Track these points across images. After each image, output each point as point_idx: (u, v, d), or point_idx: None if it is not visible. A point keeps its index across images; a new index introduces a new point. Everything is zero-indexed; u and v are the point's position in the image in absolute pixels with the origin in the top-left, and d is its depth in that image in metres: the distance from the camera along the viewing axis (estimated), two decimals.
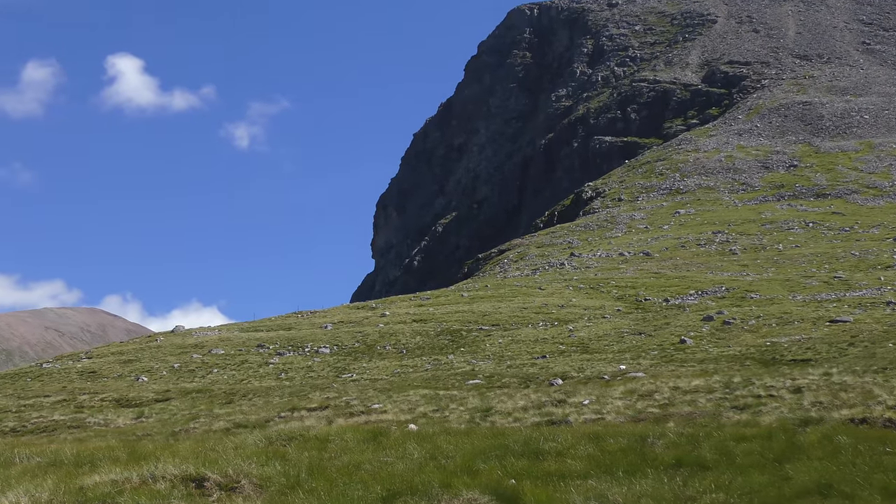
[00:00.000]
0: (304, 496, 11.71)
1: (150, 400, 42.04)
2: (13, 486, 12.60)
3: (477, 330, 57.85)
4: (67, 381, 52.11)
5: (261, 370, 50.62)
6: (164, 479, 12.75)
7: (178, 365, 53.74)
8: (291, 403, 34.70)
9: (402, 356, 51.63)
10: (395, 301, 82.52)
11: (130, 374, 52.26)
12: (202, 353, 56.83)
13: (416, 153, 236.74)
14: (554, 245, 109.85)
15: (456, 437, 15.95)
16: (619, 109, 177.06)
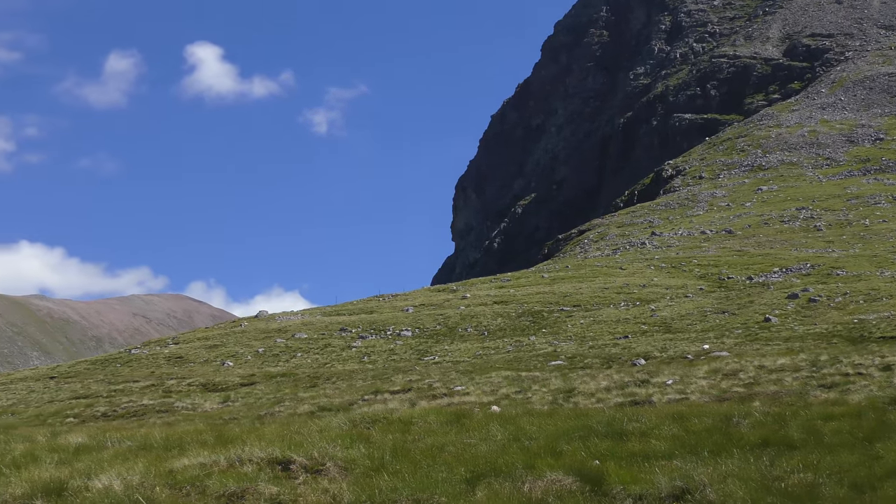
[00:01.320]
0: (388, 478, 11.78)
1: (236, 384, 42.59)
2: (105, 470, 12.84)
3: (558, 311, 57.67)
4: (155, 367, 53.01)
5: (343, 354, 51.00)
6: (251, 461, 12.90)
7: (262, 349, 54.35)
8: (374, 386, 34.92)
9: (483, 338, 51.66)
10: (476, 283, 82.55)
11: (216, 359, 52.98)
12: (286, 338, 57.40)
13: (495, 135, 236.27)
14: (634, 224, 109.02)
15: (539, 418, 15.93)
16: (699, 86, 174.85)
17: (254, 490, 11.73)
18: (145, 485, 12.09)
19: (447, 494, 11.06)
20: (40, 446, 15.56)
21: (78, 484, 12.30)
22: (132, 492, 11.71)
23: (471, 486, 11.44)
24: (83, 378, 51.29)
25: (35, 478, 12.63)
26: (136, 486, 12.03)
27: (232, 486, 11.87)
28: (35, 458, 14.33)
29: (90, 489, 12.06)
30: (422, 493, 11.12)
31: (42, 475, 12.77)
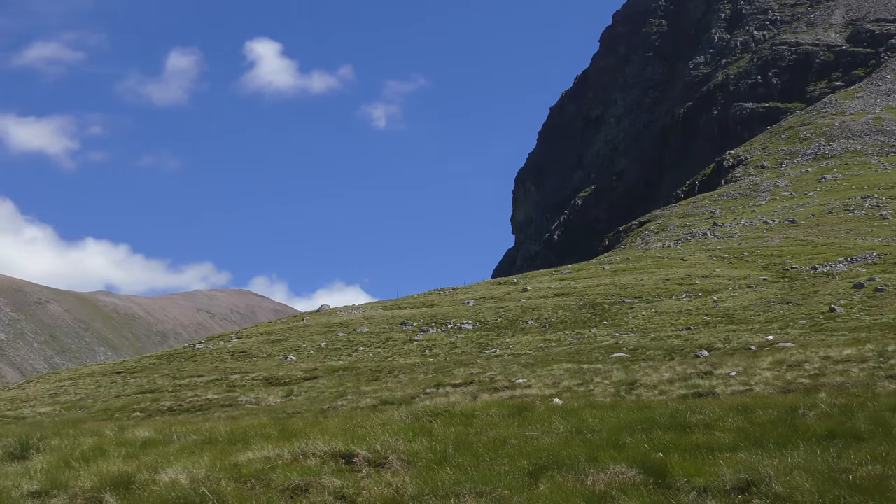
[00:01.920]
0: (451, 471, 11.80)
1: (299, 378, 42.87)
2: (172, 463, 13.00)
3: (619, 303, 57.40)
4: (219, 361, 53.52)
5: (405, 347, 51.14)
6: (315, 455, 12.99)
7: (324, 343, 54.67)
8: (436, 380, 34.98)
9: (544, 331, 51.55)
10: (536, 276, 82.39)
11: (279, 354, 53.38)
12: (347, 332, 57.69)
13: (553, 127, 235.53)
14: (695, 215, 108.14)
15: (601, 410, 15.87)
16: (760, 74, 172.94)
17: (317, 483, 11.81)
18: (211, 478, 12.22)
19: (510, 487, 11.06)
20: (108, 440, 15.78)
21: (145, 477, 12.46)
22: (198, 485, 11.84)
23: (533, 479, 11.42)
24: (149, 373, 51.93)
25: (103, 471, 12.81)
26: (201, 479, 12.16)
27: (296, 479, 11.95)
28: (103, 452, 14.53)
29: (157, 483, 12.21)
30: (484, 486, 11.13)
31: (110, 469, 12.95)
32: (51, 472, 13.27)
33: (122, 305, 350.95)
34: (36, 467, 13.69)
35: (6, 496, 12.17)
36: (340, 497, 11.49)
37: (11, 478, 13.18)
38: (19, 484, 12.74)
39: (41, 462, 14.07)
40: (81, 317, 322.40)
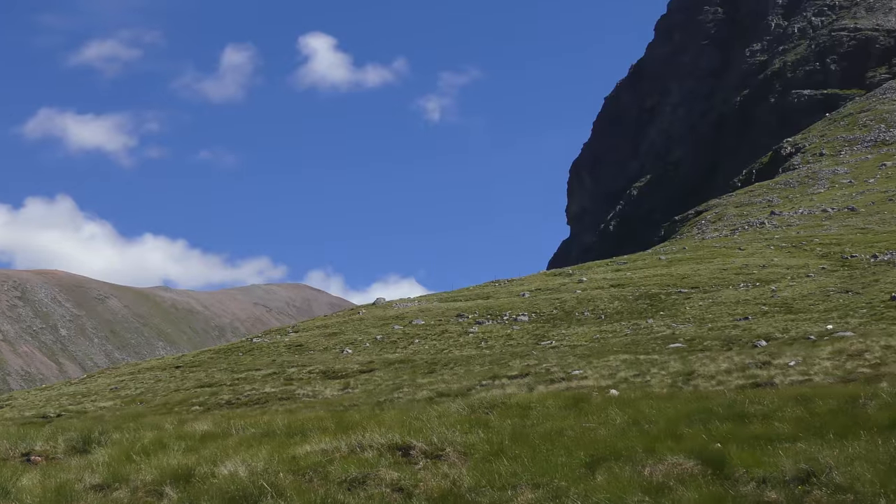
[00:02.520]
0: (507, 463, 11.80)
1: (355, 371, 43.07)
2: (231, 456, 13.12)
3: (676, 293, 57.05)
4: (276, 355, 53.92)
5: (461, 339, 51.20)
6: (372, 447, 13.05)
7: (380, 336, 54.88)
8: (492, 371, 34.99)
9: (600, 322, 51.38)
10: (592, 266, 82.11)
11: (335, 347, 53.66)
12: (403, 325, 57.86)
13: (608, 117, 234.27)
14: (753, 204, 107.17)
15: (658, 401, 15.78)
16: (818, 61, 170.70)
17: (375, 475, 11.87)
18: (269, 471, 12.32)
19: (567, 478, 11.05)
20: (168, 434, 15.95)
21: (204, 470, 12.60)
22: (257, 478, 11.95)
23: (590, 470, 11.40)
24: (207, 367, 52.44)
25: (164, 464, 12.97)
26: (260, 472, 12.26)
27: (353, 471, 12.02)
28: (163, 446, 14.70)
29: (216, 475, 12.34)
30: (541, 478, 11.13)
31: (170, 462, 13.10)
32: (112, 465, 13.44)
33: (181, 300, 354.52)
34: (98, 461, 13.88)
35: (69, 489, 12.35)
36: (398, 489, 11.54)
37: (74, 471, 13.37)
38: (82, 477, 12.93)
39: (103, 456, 14.26)
40: (141, 312, 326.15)
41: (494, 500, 10.62)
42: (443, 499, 10.92)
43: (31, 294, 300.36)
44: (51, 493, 12.16)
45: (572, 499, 10.44)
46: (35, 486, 12.56)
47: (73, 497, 12.09)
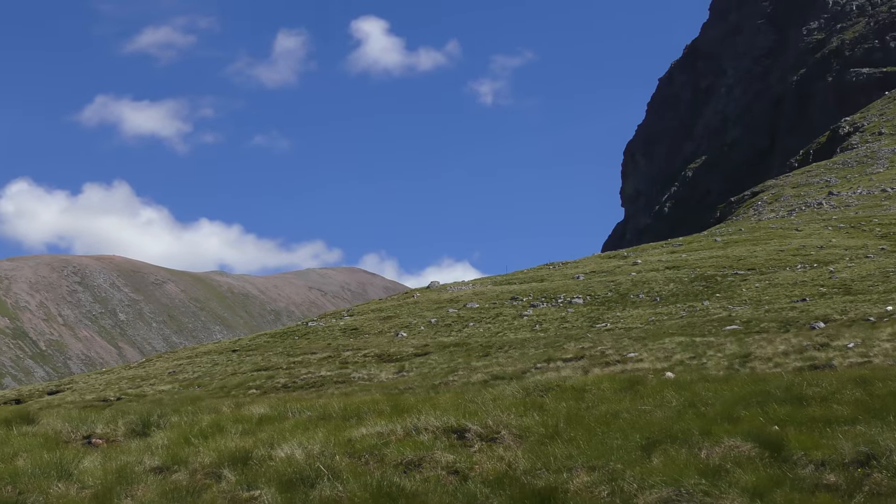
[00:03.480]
0: (563, 445, 11.79)
1: (410, 354, 43.19)
2: (287, 439, 13.22)
3: (732, 275, 56.60)
4: (332, 339, 54.21)
5: (515, 322, 51.18)
6: (427, 430, 13.08)
7: (434, 320, 54.99)
8: (547, 354, 34.95)
9: (655, 304, 51.11)
10: (647, 249, 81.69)
11: (390, 330, 53.85)
12: (457, 308, 57.91)
13: (663, 98, 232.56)
14: (810, 184, 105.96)
15: (714, 383, 15.68)
16: (877, 39, 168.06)
17: (430, 458, 11.90)
18: (325, 453, 12.39)
19: (622, 461, 11.02)
20: (225, 417, 16.09)
21: (262, 453, 12.70)
22: (313, 460, 12.03)
23: (646, 453, 11.36)
24: (264, 351, 52.84)
25: (222, 447, 13.09)
26: (316, 454, 12.34)
27: (409, 454, 12.07)
28: (221, 429, 14.83)
29: (273, 458, 12.44)
30: (597, 460, 11.11)
31: (228, 445, 13.23)
32: (171, 448, 13.60)
33: (237, 285, 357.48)
34: (157, 443, 14.05)
35: (130, 471, 12.51)
36: (453, 471, 11.57)
37: (135, 454, 13.54)
38: (142, 459, 13.09)
39: (162, 438, 14.43)
40: (197, 296, 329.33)
41: (550, 483, 10.61)
42: (498, 481, 10.93)
43: (90, 279, 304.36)
44: (112, 475, 12.33)
45: (628, 481, 10.42)
46: (96, 468, 12.74)
47: (134, 479, 12.25)
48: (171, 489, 11.79)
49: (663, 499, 9.87)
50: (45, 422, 16.91)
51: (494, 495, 10.59)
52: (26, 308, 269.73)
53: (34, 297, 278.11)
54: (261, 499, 11.25)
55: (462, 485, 11.07)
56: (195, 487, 11.86)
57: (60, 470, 12.67)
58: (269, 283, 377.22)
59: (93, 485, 12.12)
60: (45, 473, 12.55)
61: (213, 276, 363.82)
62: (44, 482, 12.25)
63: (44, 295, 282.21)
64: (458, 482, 11.20)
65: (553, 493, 10.34)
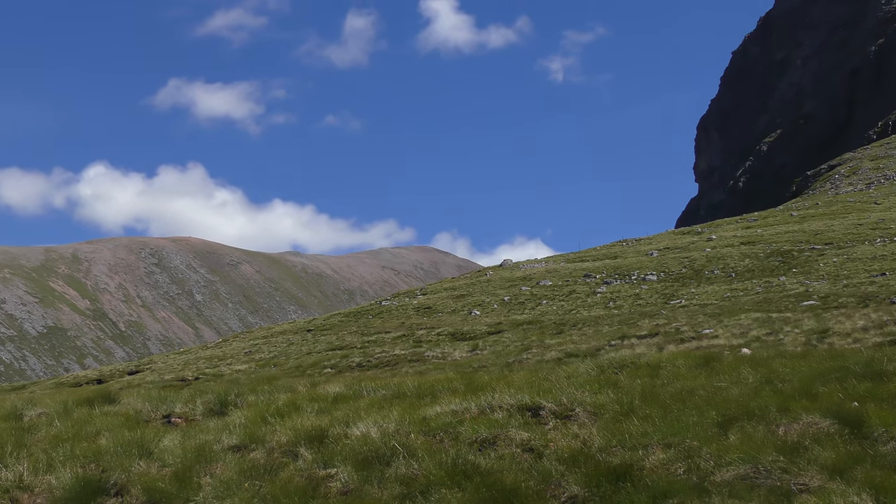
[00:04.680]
0: (638, 423, 11.73)
1: (483, 333, 43.24)
2: (363, 418, 13.32)
3: (809, 249, 55.81)
4: (405, 317, 54.44)
5: (588, 300, 50.98)
6: (501, 408, 13.09)
7: (507, 298, 54.96)
8: (621, 331, 34.79)
9: (730, 280, 50.60)
10: (721, 224, 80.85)
11: (463, 309, 53.93)
12: (530, 286, 57.83)
13: (736, 71, 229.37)
14: (890, 157, 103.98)
15: (791, 360, 15.47)
16: None
17: (505, 436, 11.92)
18: (400, 432, 12.46)
19: (698, 438, 10.94)
20: (301, 396, 16.24)
21: (337, 431, 12.81)
22: (388, 438, 12.10)
23: (723, 430, 11.26)
24: (338, 330, 53.23)
25: (298, 426, 13.22)
26: (391, 433, 12.42)
27: (484, 432, 12.09)
28: (297, 408, 14.98)
29: (349, 436, 12.53)
30: (672, 438, 11.04)
31: (304, 423, 13.35)
32: (249, 426, 13.77)
33: (310, 265, 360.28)
34: (235, 422, 14.23)
35: (208, 450, 12.69)
36: (528, 449, 11.57)
37: (213, 432, 13.73)
38: (220, 438, 13.27)
39: (239, 417, 14.61)
40: (272, 277, 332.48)
41: (625, 460, 10.57)
42: (573, 458, 10.91)
43: (167, 261, 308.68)
44: (191, 454, 12.52)
45: (705, 458, 10.34)
46: (176, 447, 12.94)
47: (212, 457, 12.42)
48: (248, 467, 11.94)
49: (741, 476, 9.78)
50: (126, 401, 17.22)
51: (569, 473, 10.57)
52: (106, 290, 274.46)
53: (113, 279, 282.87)
54: (337, 477, 11.35)
55: (537, 462, 11.07)
56: (272, 466, 12.00)
57: (141, 448, 12.91)
58: (342, 262, 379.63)
59: (172, 463, 12.32)
60: (127, 452, 12.79)
61: (287, 256, 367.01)
62: (126, 460, 12.48)
63: (122, 277, 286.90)
64: (533, 460, 11.20)
65: (628, 470, 10.30)
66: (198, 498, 11.16)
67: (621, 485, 9.96)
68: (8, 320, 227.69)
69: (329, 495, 10.95)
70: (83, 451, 13.08)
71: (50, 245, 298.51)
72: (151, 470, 12.18)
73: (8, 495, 11.87)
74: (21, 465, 12.63)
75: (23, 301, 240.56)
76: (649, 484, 9.78)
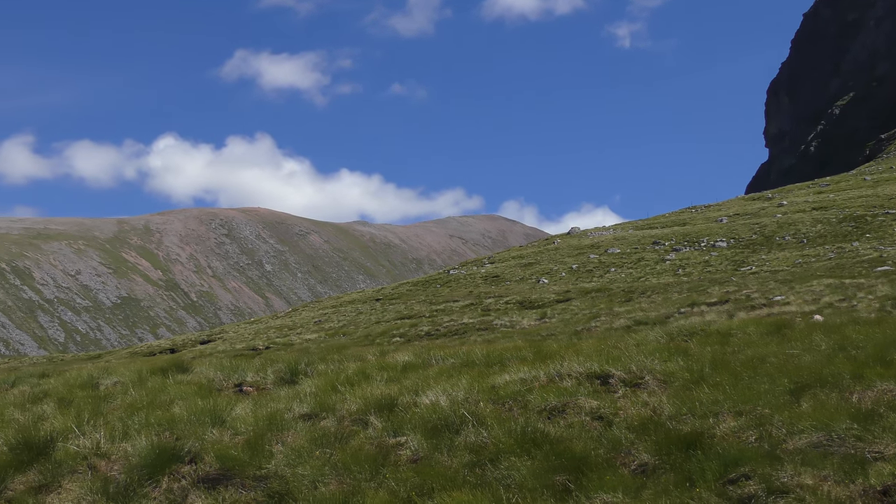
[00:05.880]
0: (708, 390, 11.65)
1: (552, 301, 43.17)
2: (432, 386, 13.37)
3: (883, 214, 54.91)
4: (473, 286, 54.51)
5: (657, 267, 50.66)
6: (570, 376, 13.07)
7: (575, 266, 54.78)
8: (690, 299, 34.54)
9: (802, 246, 49.97)
10: (792, 190, 79.81)
11: (531, 277, 53.87)
12: (598, 253, 57.58)
13: (807, 34, 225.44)
14: None
15: (865, 326, 15.25)
16: None
17: (574, 404, 11.90)
18: (469, 400, 12.50)
19: (770, 406, 10.83)
20: (371, 365, 16.35)
21: (407, 400, 12.88)
22: (457, 407, 12.15)
23: (795, 397, 11.15)
24: (406, 299, 53.46)
25: (368, 394, 13.32)
26: (460, 401, 12.46)
27: (552, 400, 12.08)
28: (366, 376, 15.08)
29: (418, 405, 12.60)
30: (744, 405, 10.95)
31: (374, 392, 13.45)
32: (319, 395, 13.89)
33: (378, 234, 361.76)
34: (305, 391, 14.36)
35: (280, 418, 12.83)
36: (597, 417, 11.55)
37: (284, 401, 13.88)
38: (291, 407, 13.41)
39: (310, 386, 14.74)
40: (340, 247, 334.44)
41: (696, 428, 10.51)
42: (643, 426, 10.87)
43: (236, 231, 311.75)
44: (262, 422, 12.67)
45: (777, 426, 10.24)
46: (248, 416, 13.11)
47: (283, 426, 12.56)
48: (319, 435, 12.06)
49: (813, 444, 9.68)
50: (199, 370, 17.47)
51: (639, 441, 10.54)
52: (177, 260, 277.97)
53: (184, 250, 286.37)
54: (407, 445, 11.42)
55: (606, 430, 11.05)
56: (343, 434, 12.10)
57: (214, 417, 13.09)
58: (409, 231, 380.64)
59: (245, 431, 12.48)
60: (200, 420, 12.98)
61: (355, 226, 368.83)
62: (199, 428, 12.67)
63: (193, 247, 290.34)
64: (603, 428, 11.19)
65: (699, 438, 10.24)
66: (269, 465, 11.30)
67: (692, 453, 9.91)
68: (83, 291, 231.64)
69: (399, 463, 11.02)
70: (157, 419, 13.31)
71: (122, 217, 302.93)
72: (224, 438, 12.35)
73: (86, 462, 12.12)
74: (98, 432, 12.88)
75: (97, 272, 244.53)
76: (720, 452, 9.72)
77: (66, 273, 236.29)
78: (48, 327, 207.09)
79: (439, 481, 10.25)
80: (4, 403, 16.56)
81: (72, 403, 15.69)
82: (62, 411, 14.90)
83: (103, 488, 11.36)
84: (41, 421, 14.10)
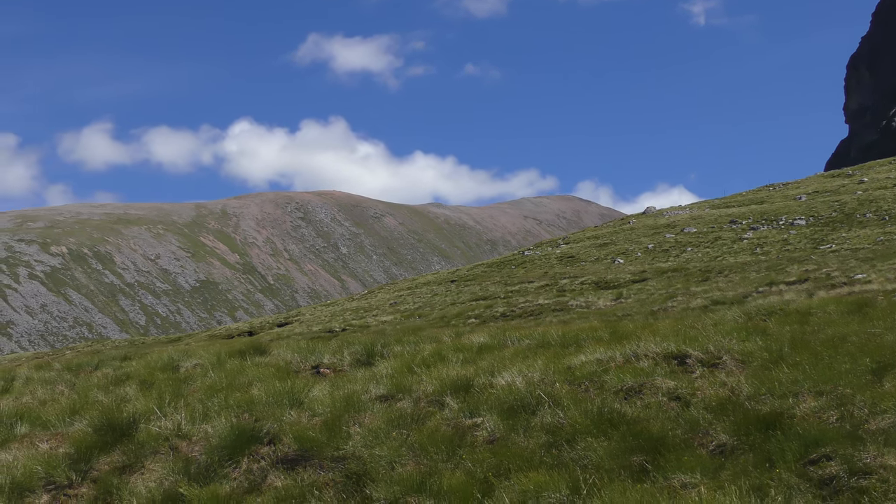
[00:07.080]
0: (787, 370, 11.50)
1: (627, 281, 42.92)
2: (508, 367, 13.37)
3: None
4: (548, 267, 54.37)
5: (735, 246, 50.11)
6: (647, 357, 12.99)
7: (651, 245, 54.39)
8: (768, 278, 34.14)
9: (884, 223, 49.10)
10: (874, 166, 78.39)
11: (606, 257, 53.59)
12: (674, 233, 57.10)
13: (889, 6, 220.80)
14: None
15: None
16: None
17: (651, 384, 11.83)
18: (545, 381, 12.48)
19: (851, 386, 10.67)
20: (446, 346, 16.38)
21: (482, 381, 12.90)
22: (533, 388, 12.14)
23: (877, 377, 10.96)
24: (481, 280, 53.48)
25: (443, 376, 13.36)
26: (536, 382, 12.44)
27: (629, 381, 12.02)
28: (442, 358, 15.12)
29: (494, 386, 12.61)
30: (824, 385, 10.80)
31: (450, 373, 13.49)
32: (395, 377, 13.96)
33: (453, 216, 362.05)
34: (381, 373, 14.45)
35: (356, 399, 12.92)
36: (675, 398, 11.47)
37: (360, 382, 13.98)
38: (367, 388, 13.50)
39: (386, 368, 14.83)
40: (415, 228, 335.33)
41: (775, 408, 10.39)
42: (721, 407, 10.77)
43: (312, 215, 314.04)
44: (339, 404, 12.77)
45: (858, 406, 10.09)
46: (325, 397, 13.22)
47: (360, 407, 12.65)
48: (396, 416, 12.12)
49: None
50: (276, 353, 17.66)
51: (717, 421, 10.45)
52: (254, 244, 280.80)
53: (261, 234, 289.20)
54: (483, 425, 11.44)
55: (684, 410, 10.97)
56: (419, 415, 12.16)
57: (292, 398, 13.23)
58: (484, 213, 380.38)
59: (322, 412, 12.59)
60: (278, 402, 13.13)
61: (429, 208, 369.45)
62: (277, 410, 12.82)
63: (270, 231, 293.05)
64: (680, 408, 11.11)
65: (778, 418, 10.12)
66: (347, 447, 11.39)
67: (771, 433, 9.80)
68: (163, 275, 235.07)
69: (475, 444, 11.05)
70: (236, 400, 13.49)
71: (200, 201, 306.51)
72: (302, 419, 12.48)
73: (168, 443, 12.33)
74: (179, 414, 13.10)
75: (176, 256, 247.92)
76: (800, 432, 9.59)
77: (145, 257, 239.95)
78: (129, 311, 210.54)
79: (516, 462, 10.26)
80: (88, 385, 16.91)
81: (153, 385, 15.97)
82: (144, 393, 15.18)
83: (185, 469, 11.55)
84: (124, 403, 14.38)
